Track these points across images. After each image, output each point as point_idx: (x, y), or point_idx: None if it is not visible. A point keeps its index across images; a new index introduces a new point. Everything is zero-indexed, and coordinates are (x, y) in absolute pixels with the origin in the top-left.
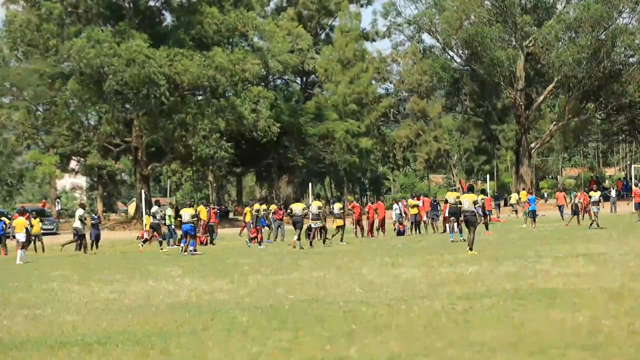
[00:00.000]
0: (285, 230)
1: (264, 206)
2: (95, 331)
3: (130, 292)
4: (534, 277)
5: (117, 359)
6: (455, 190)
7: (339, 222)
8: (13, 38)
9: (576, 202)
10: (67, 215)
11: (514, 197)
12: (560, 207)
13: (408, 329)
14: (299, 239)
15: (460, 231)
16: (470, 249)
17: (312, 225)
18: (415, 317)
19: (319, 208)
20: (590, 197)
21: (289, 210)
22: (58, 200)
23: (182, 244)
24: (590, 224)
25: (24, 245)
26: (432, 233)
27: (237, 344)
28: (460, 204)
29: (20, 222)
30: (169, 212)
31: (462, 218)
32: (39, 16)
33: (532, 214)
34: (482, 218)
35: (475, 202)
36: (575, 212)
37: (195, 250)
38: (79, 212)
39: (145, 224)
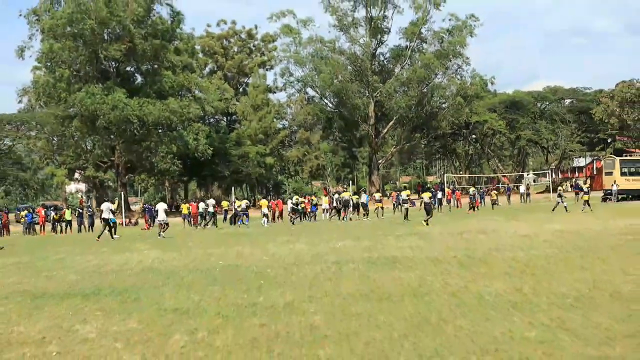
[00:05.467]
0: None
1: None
2: (90, 286)
3: (113, 260)
4: (382, 249)
5: (105, 304)
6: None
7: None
8: (37, 92)
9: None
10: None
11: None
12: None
13: (298, 284)
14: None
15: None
16: (427, 223)
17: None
18: (302, 277)
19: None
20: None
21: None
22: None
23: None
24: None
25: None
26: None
27: (184, 295)
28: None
29: (263, 202)
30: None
31: (421, 207)
32: (54, 78)
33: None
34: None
35: (431, 197)
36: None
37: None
38: (107, 205)
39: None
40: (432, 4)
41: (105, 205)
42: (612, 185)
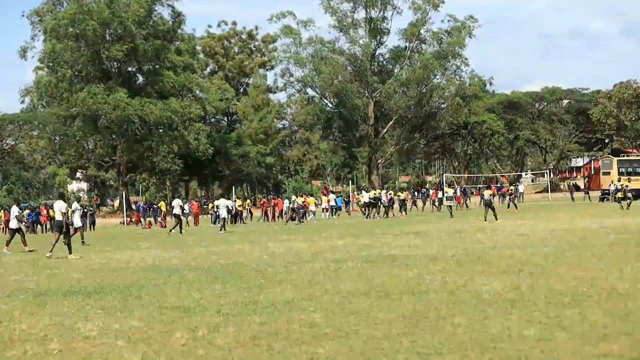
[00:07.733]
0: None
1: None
2: (93, 284)
3: (115, 258)
4: (381, 247)
5: (107, 302)
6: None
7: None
8: (40, 92)
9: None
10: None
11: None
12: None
13: (298, 282)
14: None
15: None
16: (496, 219)
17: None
18: (302, 275)
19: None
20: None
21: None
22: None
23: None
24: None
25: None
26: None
27: (186, 292)
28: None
29: (311, 200)
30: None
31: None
32: (56, 78)
33: (339, 209)
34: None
35: (491, 194)
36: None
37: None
38: (178, 201)
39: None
40: (430, 5)
41: (176, 202)
42: (610, 185)
